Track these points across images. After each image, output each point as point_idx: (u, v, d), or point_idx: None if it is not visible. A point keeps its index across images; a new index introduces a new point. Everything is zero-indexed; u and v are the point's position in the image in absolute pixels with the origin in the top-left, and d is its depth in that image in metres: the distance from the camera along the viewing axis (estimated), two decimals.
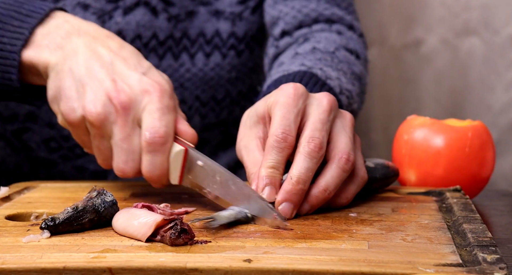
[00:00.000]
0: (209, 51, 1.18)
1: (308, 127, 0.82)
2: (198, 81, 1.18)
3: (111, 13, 1.13)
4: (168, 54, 1.16)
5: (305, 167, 0.80)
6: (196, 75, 1.18)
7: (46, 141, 1.17)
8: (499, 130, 1.46)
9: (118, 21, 1.13)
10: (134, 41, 1.14)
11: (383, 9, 1.48)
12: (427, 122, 0.97)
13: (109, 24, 1.13)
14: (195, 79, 1.18)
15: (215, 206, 0.84)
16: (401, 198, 0.89)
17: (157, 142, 0.82)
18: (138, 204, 0.78)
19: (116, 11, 1.13)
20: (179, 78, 1.17)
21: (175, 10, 1.15)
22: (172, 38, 1.15)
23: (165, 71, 1.16)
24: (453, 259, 0.67)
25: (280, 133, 0.81)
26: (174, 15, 1.15)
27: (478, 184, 0.97)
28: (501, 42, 1.45)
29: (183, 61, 1.17)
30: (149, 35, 1.15)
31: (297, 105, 0.83)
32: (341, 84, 1.03)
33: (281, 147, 0.81)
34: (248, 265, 0.64)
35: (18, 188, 0.92)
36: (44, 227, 0.73)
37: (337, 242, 0.72)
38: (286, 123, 0.81)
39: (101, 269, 0.65)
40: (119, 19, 1.13)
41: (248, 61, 1.22)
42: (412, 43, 1.48)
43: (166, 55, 1.16)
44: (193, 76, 1.17)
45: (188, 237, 0.70)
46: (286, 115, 0.81)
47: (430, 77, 1.49)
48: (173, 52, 1.16)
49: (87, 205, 0.75)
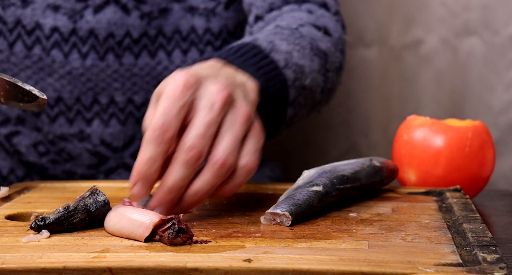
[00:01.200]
0: (186, 48, 1.17)
1: (190, 132, 0.77)
2: None
3: (82, 12, 1.13)
4: (144, 52, 1.15)
5: (180, 176, 0.76)
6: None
7: (35, 144, 1.18)
8: (499, 130, 1.46)
9: (89, 20, 1.13)
10: (107, 40, 1.13)
11: (383, 9, 1.48)
12: (427, 122, 0.97)
13: (80, 23, 1.13)
14: None
15: (215, 205, 0.85)
16: (401, 198, 0.89)
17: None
18: (125, 200, 0.78)
19: (86, 10, 1.13)
20: (157, 76, 1.16)
21: (147, 7, 1.14)
22: (146, 36, 1.15)
23: (142, 69, 1.15)
24: (453, 258, 0.67)
25: (159, 128, 0.76)
26: (146, 12, 1.14)
27: (478, 184, 0.97)
28: (501, 42, 1.45)
29: (160, 59, 1.16)
30: (122, 34, 1.14)
31: (184, 97, 0.78)
32: (290, 58, 0.98)
33: (158, 142, 0.75)
34: (248, 265, 0.64)
35: (18, 188, 0.92)
36: (34, 227, 0.73)
37: (337, 242, 0.72)
38: (167, 118, 0.76)
39: (101, 269, 0.65)
40: (89, 18, 1.13)
41: None
42: (412, 43, 1.48)
43: (142, 53, 1.15)
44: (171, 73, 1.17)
45: (186, 236, 0.70)
46: (168, 109, 0.77)
47: (430, 77, 1.49)
48: (149, 50, 1.15)
49: (78, 204, 0.75)
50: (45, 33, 1.13)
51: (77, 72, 1.13)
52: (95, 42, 1.13)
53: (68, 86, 1.14)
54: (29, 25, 1.13)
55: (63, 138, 1.15)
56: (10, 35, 1.14)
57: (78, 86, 1.13)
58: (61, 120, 1.15)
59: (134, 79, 1.15)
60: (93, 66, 1.14)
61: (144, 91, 1.16)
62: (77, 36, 1.13)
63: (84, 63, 1.13)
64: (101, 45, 1.13)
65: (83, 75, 1.14)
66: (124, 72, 1.14)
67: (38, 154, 1.18)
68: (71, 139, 1.15)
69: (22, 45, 1.13)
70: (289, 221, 0.76)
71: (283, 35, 1.02)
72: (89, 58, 1.13)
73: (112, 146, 1.16)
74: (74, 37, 1.13)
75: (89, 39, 1.13)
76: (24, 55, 1.14)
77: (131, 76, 1.15)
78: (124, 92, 1.15)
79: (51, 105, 1.15)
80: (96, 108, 1.15)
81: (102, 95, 1.14)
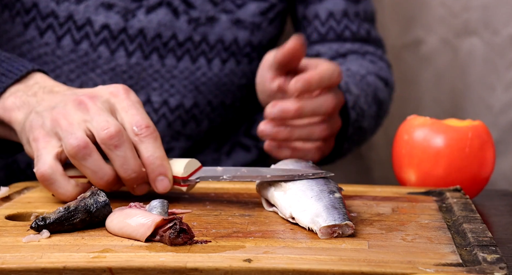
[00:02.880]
0: (225, 57, 1.21)
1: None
2: (212, 86, 1.21)
3: (134, 11, 1.17)
4: (186, 56, 1.19)
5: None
6: (211, 80, 1.21)
7: None
8: (499, 130, 1.46)
9: (140, 19, 1.17)
10: (154, 40, 1.17)
11: (383, 9, 1.48)
12: (427, 122, 0.97)
13: (132, 22, 1.17)
14: (209, 83, 1.21)
15: (215, 205, 0.85)
16: (401, 198, 0.89)
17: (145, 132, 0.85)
18: (132, 203, 0.78)
19: (139, 9, 1.17)
20: (195, 81, 1.20)
21: (196, 13, 1.18)
22: (191, 41, 1.19)
23: (182, 73, 1.19)
24: (453, 258, 0.67)
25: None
26: (194, 18, 1.18)
27: (478, 184, 0.97)
28: (501, 42, 1.45)
29: (200, 65, 1.20)
30: (169, 35, 1.18)
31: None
32: (358, 101, 1.10)
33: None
34: (248, 265, 0.64)
35: (18, 188, 0.92)
36: (35, 226, 0.73)
37: (337, 241, 0.72)
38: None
39: (101, 269, 0.65)
40: (141, 17, 1.17)
41: (256, 69, 1.24)
42: (412, 43, 1.48)
43: (184, 57, 1.19)
44: (208, 80, 1.21)
45: (187, 236, 0.70)
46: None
47: (430, 77, 1.49)
48: (191, 55, 1.19)
49: (79, 205, 0.75)
50: (94, 30, 1.16)
51: (120, 69, 1.17)
52: (143, 41, 1.17)
53: (109, 82, 1.17)
54: (80, 21, 1.16)
55: None
56: (60, 29, 1.17)
57: (118, 82, 1.16)
58: None
59: (172, 81, 1.19)
60: (137, 64, 1.18)
61: (180, 94, 1.20)
62: (126, 34, 1.17)
63: (129, 61, 1.17)
64: (148, 44, 1.17)
65: (125, 72, 1.18)
66: (165, 73, 1.19)
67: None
68: None
69: (70, 40, 1.17)
70: (352, 229, 0.74)
71: (355, 79, 1.15)
72: (134, 57, 1.17)
73: None
74: (123, 35, 1.17)
75: (137, 38, 1.17)
76: (71, 50, 1.17)
77: (170, 78, 1.19)
78: (161, 93, 1.19)
79: None
80: None
81: (140, 93, 1.18)
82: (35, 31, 1.17)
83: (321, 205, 0.76)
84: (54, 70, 1.17)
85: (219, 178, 0.85)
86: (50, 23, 1.17)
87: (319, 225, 0.73)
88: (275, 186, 0.82)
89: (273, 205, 0.82)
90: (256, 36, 1.23)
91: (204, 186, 0.93)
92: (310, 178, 0.81)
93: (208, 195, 0.90)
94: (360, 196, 0.89)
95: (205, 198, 0.88)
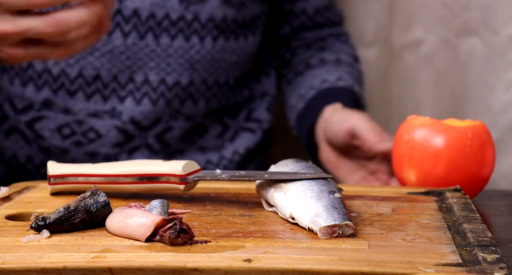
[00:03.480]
0: (216, 35, 1.24)
1: None
2: (206, 64, 1.24)
3: None
4: (180, 35, 1.21)
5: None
6: (205, 57, 1.23)
7: (60, 127, 1.23)
8: (499, 130, 1.46)
9: (134, 0, 1.19)
10: (148, 20, 1.20)
11: (383, 9, 1.48)
12: (427, 122, 0.97)
13: (126, 3, 1.19)
14: (203, 61, 1.24)
15: (215, 205, 0.85)
16: (401, 198, 0.89)
17: None
18: (132, 203, 0.78)
19: None
20: (189, 59, 1.22)
21: None
22: (183, 19, 1.21)
23: (177, 51, 1.22)
24: (453, 258, 0.67)
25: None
26: None
27: (478, 184, 0.97)
28: (501, 42, 1.45)
29: (193, 43, 1.22)
30: (162, 15, 1.20)
31: None
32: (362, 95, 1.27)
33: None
34: (248, 265, 0.64)
35: (18, 188, 0.92)
36: (35, 226, 0.73)
37: (337, 241, 0.72)
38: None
39: (101, 269, 0.65)
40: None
41: (245, 46, 1.29)
42: (412, 43, 1.48)
43: (177, 36, 1.21)
44: (202, 58, 1.24)
45: (187, 236, 0.70)
46: None
47: (430, 77, 1.49)
48: (184, 33, 1.22)
49: (79, 205, 0.75)
50: None
51: (118, 50, 1.20)
52: (137, 21, 1.20)
53: (107, 65, 1.20)
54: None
55: (95, 115, 1.22)
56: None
57: (116, 64, 1.20)
58: (96, 98, 1.22)
59: (168, 60, 1.22)
60: (133, 45, 1.20)
61: (176, 73, 1.22)
62: (121, 16, 1.19)
63: (125, 42, 1.20)
64: (142, 24, 1.20)
65: (123, 53, 1.20)
66: (161, 52, 1.21)
67: (62, 137, 1.23)
68: (103, 115, 1.22)
69: None
70: (352, 229, 0.74)
71: (352, 74, 1.31)
72: (130, 37, 1.20)
73: (140, 125, 1.23)
74: (119, 17, 1.19)
75: (132, 19, 1.19)
76: None
77: (166, 57, 1.21)
78: (158, 72, 1.22)
79: (89, 83, 1.21)
80: (131, 86, 1.22)
81: (138, 74, 1.21)
82: None
83: (321, 205, 0.76)
84: None
85: (217, 177, 0.85)
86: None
87: (319, 225, 0.73)
88: (275, 187, 0.82)
89: (273, 205, 0.82)
90: (242, 13, 1.26)
91: (204, 186, 0.93)
92: (308, 178, 0.81)
93: (208, 195, 0.90)
94: (360, 196, 0.89)
95: (205, 198, 0.88)
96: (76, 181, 0.87)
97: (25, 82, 1.22)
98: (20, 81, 1.23)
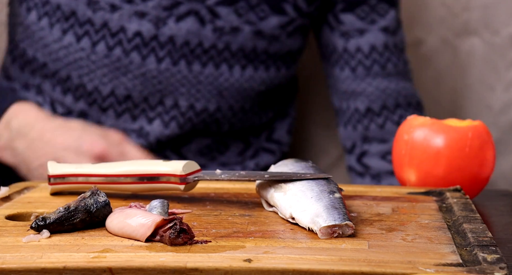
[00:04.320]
0: (244, 64, 1.27)
1: None
2: (234, 91, 1.28)
3: (165, 20, 1.24)
4: (210, 63, 1.26)
5: None
6: (233, 85, 1.27)
7: None
8: (499, 130, 1.46)
9: (171, 27, 1.24)
10: (182, 47, 1.24)
11: None
12: (427, 122, 0.97)
13: (163, 30, 1.24)
14: (231, 89, 1.28)
15: (215, 205, 0.85)
16: (401, 198, 0.89)
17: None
18: (132, 203, 0.78)
19: (170, 18, 1.24)
20: (218, 86, 1.27)
21: (221, 22, 1.25)
22: (215, 48, 1.25)
23: (207, 78, 1.26)
24: (453, 259, 0.67)
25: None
26: (219, 27, 1.25)
27: (478, 184, 0.97)
28: (501, 42, 1.45)
29: (223, 71, 1.26)
30: (196, 43, 1.24)
31: None
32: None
33: None
34: (248, 265, 0.64)
35: (18, 188, 0.92)
36: (35, 226, 0.73)
37: (337, 242, 0.71)
38: None
39: (101, 269, 0.65)
40: (172, 25, 1.24)
41: (274, 77, 1.32)
42: (412, 43, 1.48)
43: (208, 63, 1.25)
44: (230, 86, 1.28)
45: (187, 236, 0.70)
46: None
47: (430, 77, 1.49)
48: (215, 61, 1.26)
49: (79, 205, 0.75)
50: (127, 37, 1.24)
51: (151, 74, 1.25)
52: (172, 48, 1.24)
53: (139, 86, 1.25)
54: (114, 28, 1.23)
55: (124, 132, 1.27)
56: (95, 36, 1.24)
57: (148, 87, 1.25)
58: (126, 117, 1.27)
59: (198, 87, 1.26)
60: (166, 70, 1.25)
61: (205, 99, 1.27)
62: (157, 41, 1.24)
63: (159, 67, 1.24)
64: (177, 51, 1.24)
65: (155, 78, 1.25)
66: (192, 79, 1.25)
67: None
68: (131, 133, 1.27)
69: (105, 46, 1.24)
70: (352, 229, 0.74)
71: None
72: (164, 62, 1.24)
73: (163, 143, 1.28)
74: (154, 42, 1.24)
75: (167, 45, 1.24)
76: (104, 55, 1.24)
77: (196, 83, 1.26)
78: (188, 98, 1.26)
79: (120, 102, 1.26)
80: (160, 109, 1.27)
81: (168, 98, 1.26)
82: (72, 37, 1.25)
83: (321, 205, 0.76)
84: (89, 74, 1.25)
85: (217, 177, 0.85)
86: (87, 30, 1.24)
87: (319, 225, 0.73)
88: (275, 187, 0.82)
89: (273, 205, 0.82)
90: (274, 46, 1.29)
91: (204, 186, 0.93)
92: (308, 178, 0.81)
93: (208, 195, 0.90)
94: (360, 196, 0.89)
95: (205, 198, 0.88)
96: (76, 181, 0.87)
97: (65, 91, 1.27)
98: (61, 90, 1.27)
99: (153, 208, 0.77)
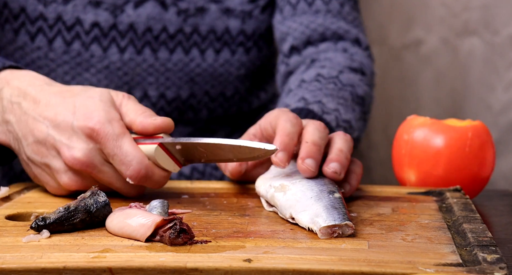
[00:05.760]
0: (219, 47, 1.21)
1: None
2: (208, 77, 1.21)
3: (123, 7, 1.17)
4: (179, 48, 1.19)
5: (318, 135, 0.86)
6: (206, 70, 1.21)
7: None
8: (499, 130, 1.46)
9: (129, 14, 1.17)
10: (145, 34, 1.17)
11: (383, 9, 1.48)
12: (427, 122, 0.97)
13: (121, 17, 1.16)
14: (205, 74, 1.21)
15: (215, 205, 0.85)
16: (401, 198, 0.89)
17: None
18: (132, 203, 0.78)
19: (127, 4, 1.17)
20: (189, 72, 1.20)
21: (184, 4, 1.18)
22: (182, 32, 1.19)
23: (176, 65, 1.19)
24: (453, 258, 0.67)
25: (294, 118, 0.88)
26: (183, 9, 1.18)
27: (478, 184, 0.97)
28: (501, 42, 1.45)
29: (194, 56, 1.20)
30: (159, 28, 1.18)
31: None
32: (339, 116, 1.06)
33: (294, 123, 0.87)
34: (248, 265, 0.64)
35: (18, 188, 0.92)
36: (35, 226, 0.73)
37: (337, 242, 0.72)
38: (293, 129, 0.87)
39: (101, 269, 0.65)
40: (130, 12, 1.17)
41: (256, 59, 1.25)
42: (412, 43, 1.48)
43: (176, 49, 1.19)
44: (203, 71, 1.21)
45: (187, 237, 0.70)
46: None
47: (430, 77, 1.49)
48: (184, 46, 1.19)
49: (79, 205, 0.75)
50: (85, 29, 1.16)
51: (115, 66, 1.18)
52: (134, 36, 1.17)
53: (105, 81, 1.18)
54: (70, 21, 1.16)
55: None
56: (50, 32, 1.17)
57: (114, 80, 1.18)
58: None
59: (167, 74, 1.19)
60: (130, 60, 1.18)
61: (176, 86, 1.20)
62: (116, 31, 1.17)
63: (122, 57, 1.18)
64: (139, 39, 1.18)
65: (120, 69, 1.18)
66: (159, 67, 1.19)
67: None
68: None
69: (62, 41, 1.17)
70: (352, 229, 0.74)
71: (328, 90, 1.11)
72: (127, 52, 1.18)
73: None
74: (114, 32, 1.17)
75: (128, 34, 1.17)
76: (63, 51, 1.17)
77: (165, 71, 1.19)
78: (158, 87, 1.19)
79: None
80: None
81: (137, 89, 1.19)
82: (25, 36, 1.17)
83: (321, 205, 0.76)
84: (49, 73, 1.17)
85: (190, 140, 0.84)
86: (40, 27, 1.16)
87: (319, 225, 0.73)
88: (275, 187, 0.82)
89: (273, 205, 0.82)
90: (249, 24, 1.22)
91: (204, 186, 0.93)
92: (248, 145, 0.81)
93: (208, 195, 0.90)
94: (360, 196, 0.89)
95: (205, 198, 0.88)
96: None
97: None
98: None
99: (153, 208, 0.77)
